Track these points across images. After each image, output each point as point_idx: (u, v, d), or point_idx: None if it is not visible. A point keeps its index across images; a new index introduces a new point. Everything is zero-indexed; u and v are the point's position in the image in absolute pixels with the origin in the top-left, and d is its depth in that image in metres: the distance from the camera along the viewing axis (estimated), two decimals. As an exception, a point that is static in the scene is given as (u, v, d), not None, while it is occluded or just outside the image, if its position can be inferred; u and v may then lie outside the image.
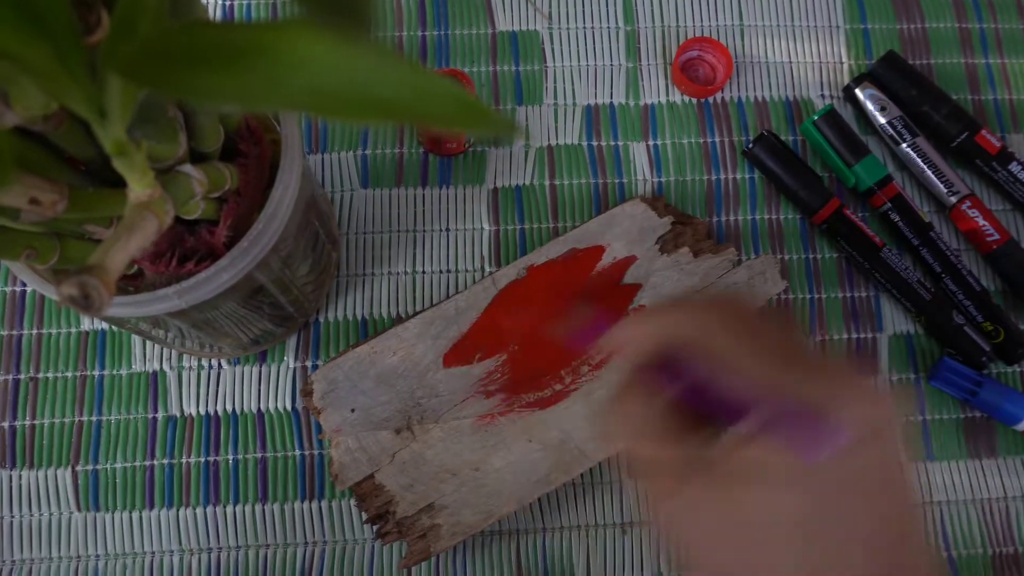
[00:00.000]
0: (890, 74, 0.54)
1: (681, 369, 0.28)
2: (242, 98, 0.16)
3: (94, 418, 0.48)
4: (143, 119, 0.25)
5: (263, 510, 0.48)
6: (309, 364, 0.49)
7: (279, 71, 0.15)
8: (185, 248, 0.36)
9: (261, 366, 0.49)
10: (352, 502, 0.48)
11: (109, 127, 0.21)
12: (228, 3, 0.55)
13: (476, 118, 0.14)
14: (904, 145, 0.53)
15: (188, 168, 0.30)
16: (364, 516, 0.46)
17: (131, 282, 0.37)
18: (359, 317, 0.50)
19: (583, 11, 0.56)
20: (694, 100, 0.55)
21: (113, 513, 0.47)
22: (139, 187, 0.25)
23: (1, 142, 0.15)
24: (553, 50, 0.55)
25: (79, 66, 0.19)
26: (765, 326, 0.28)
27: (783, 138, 0.54)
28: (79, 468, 0.48)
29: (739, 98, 0.55)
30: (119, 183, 0.30)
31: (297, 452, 0.48)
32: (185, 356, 0.49)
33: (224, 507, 0.47)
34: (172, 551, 0.47)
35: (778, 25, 0.57)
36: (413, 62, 0.13)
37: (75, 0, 0.21)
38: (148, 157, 0.27)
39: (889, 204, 0.52)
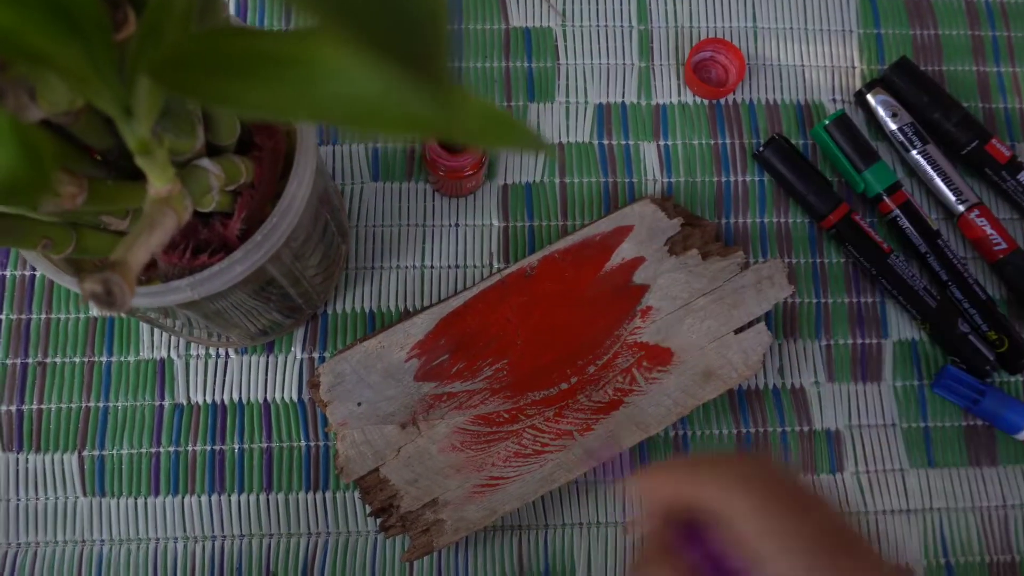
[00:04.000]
0: (902, 80, 0.54)
1: (702, 532, 0.27)
2: (273, 108, 0.16)
3: (101, 404, 0.48)
4: (164, 114, 0.25)
5: (267, 500, 0.48)
6: (316, 355, 0.50)
7: (311, 82, 0.15)
8: (198, 240, 0.36)
9: (268, 356, 0.49)
10: (356, 494, 0.48)
11: (135, 126, 0.21)
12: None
13: (508, 134, 0.15)
14: (914, 152, 0.53)
15: (205, 162, 0.31)
16: (368, 509, 0.46)
17: (144, 272, 0.37)
18: (367, 310, 0.51)
19: (597, 9, 0.56)
20: (705, 101, 0.55)
21: (118, 499, 0.47)
22: (159, 183, 0.25)
23: (41, 145, 0.15)
24: (566, 47, 0.55)
25: (108, 67, 0.19)
26: (803, 499, 0.26)
27: (794, 141, 0.54)
28: (85, 453, 0.48)
29: (751, 100, 0.55)
30: (135, 173, 0.30)
31: (302, 443, 0.49)
32: (193, 344, 0.50)
33: (229, 496, 0.48)
34: (176, 538, 0.47)
35: (791, 28, 0.57)
36: (446, 75, 0.13)
37: (103, -2, 0.21)
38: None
39: (897, 211, 0.52)
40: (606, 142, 0.54)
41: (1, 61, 0.18)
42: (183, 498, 0.48)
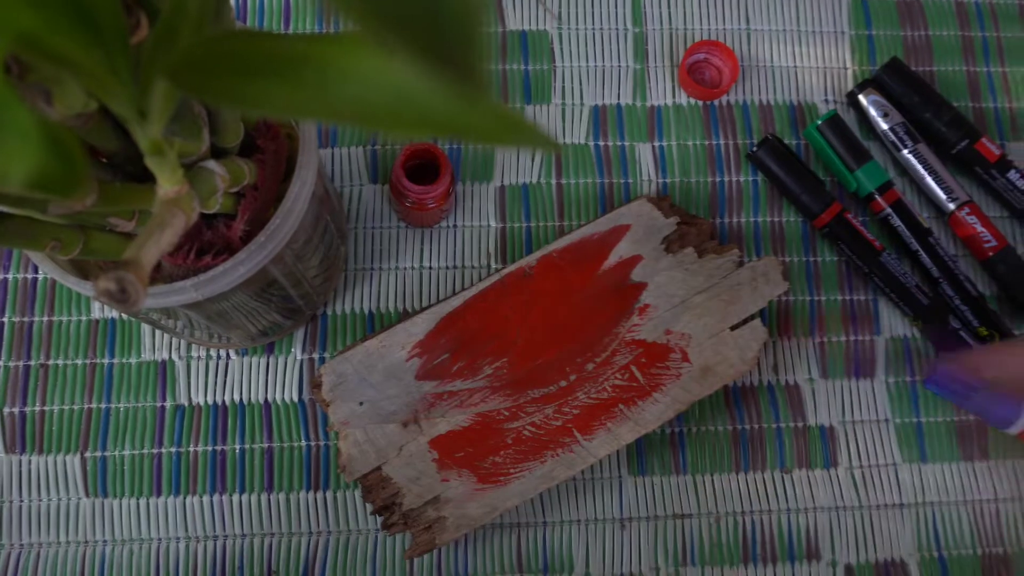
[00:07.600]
0: (893, 80, 0.55)
1: None
2: (290, 109, 0.16)
3: (103, 405, 0.49)
4: (174, 118, 0.25)
5: (269, 499, 0.48)
6: (316, 356, 0.50)
7: (327, 83, 0.16)
8: (202, 241, 0.36)
9: (269, 357, 0.50)
10: (357, 493, 0.48)
11: (148, 127, 0.21)
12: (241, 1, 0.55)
13: (518, 134, 0.15)
14: (905, 151, 0.54)
15: (211, 164, 0.31)
16: (370, 508, 0.47)
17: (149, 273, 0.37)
18: (366, 311, 0.51)
19: (592, 12, 0.57)
20: (700, 103, 0.56)
21: (121, 499, 0.48)
22: (168, 184, 0.26)
23: (70, 141, 0.15)
24: (562, 50, 0.56)
25: (126, 70, 0.19)
26: None
27: (787, 142, 0.55)
28: (88, 454, 0.48)
29: (744, 101, 0.56)
30: (140, 176, 0.30)
31: (303, 443, 0.49)
32: (194, 346, 0.50)
33: (230, 496, 0.48)
34: (178, 538, 0.48)
35: (784, 30, 0.58)
36: (480, 77, 0.14)
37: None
38: (174, 153, 0.28)
39: (889, 209, 0.53)
40: (602, 143, 0.55)
41: (21, 66, 0.19)
42: (185, 498, 0.48)
